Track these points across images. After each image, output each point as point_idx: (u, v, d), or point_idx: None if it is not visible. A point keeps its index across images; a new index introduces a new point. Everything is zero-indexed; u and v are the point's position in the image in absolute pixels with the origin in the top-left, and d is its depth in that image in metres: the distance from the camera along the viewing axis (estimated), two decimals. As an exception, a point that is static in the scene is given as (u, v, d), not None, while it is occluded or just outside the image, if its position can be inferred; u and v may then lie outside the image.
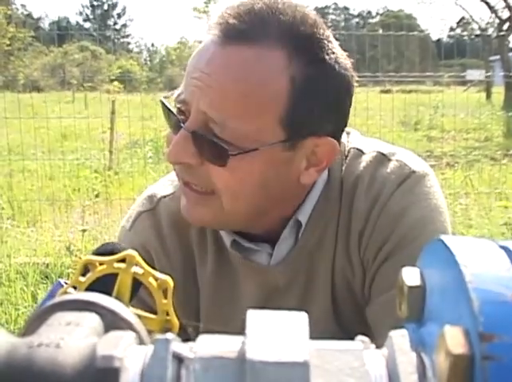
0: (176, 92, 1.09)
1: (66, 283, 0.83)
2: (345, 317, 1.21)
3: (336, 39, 1.10)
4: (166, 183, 1.29)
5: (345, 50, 1.11)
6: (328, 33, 1.07)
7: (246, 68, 1.01)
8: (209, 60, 1.03)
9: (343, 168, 1.19)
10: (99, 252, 0.82)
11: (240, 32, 1.02)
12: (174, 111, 1.09)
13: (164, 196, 1.26)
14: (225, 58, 1.02)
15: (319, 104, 1.06)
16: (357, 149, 1.20)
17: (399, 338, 0.37)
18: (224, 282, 1.24)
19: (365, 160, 1.18)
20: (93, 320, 0.40)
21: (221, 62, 1.02)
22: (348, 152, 1.20)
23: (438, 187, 1.18)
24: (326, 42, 1.05)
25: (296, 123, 1.04)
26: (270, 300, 1.22)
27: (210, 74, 1.02)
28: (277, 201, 1.12)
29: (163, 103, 1.11)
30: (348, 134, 1.23)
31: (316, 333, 1.14)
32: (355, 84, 1.12)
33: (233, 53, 1.02)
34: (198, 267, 1.25)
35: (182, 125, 1.05)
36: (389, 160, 1.18)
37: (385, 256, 1.13)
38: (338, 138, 1.11)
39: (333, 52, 1.06)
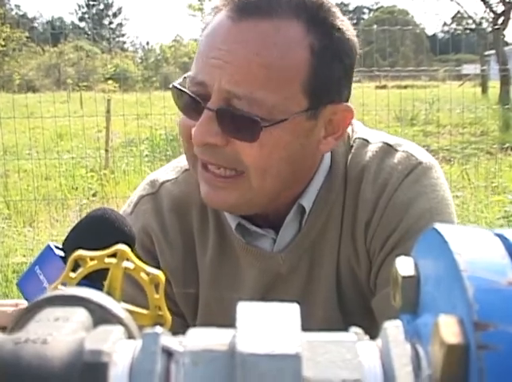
0: (189, 74, 1.08)
1: (56, 247, 0.83)
2: (349, 305, 1.21)
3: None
4: (169, 168, 1.30)
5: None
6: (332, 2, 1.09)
7: (265, 41, 1.02)
8: (226, 37, 1.03)
9: (349, 157, 1.19)
10: (92, 216, 0.82)
11: (255, 5, 1.02)
12: (181, 87, 1.08)
13: (167, 181, 1.26)
14: (243, 33, 1.02)
15: (337, 70, 1.07)
16: (362, 139, 1.21)
17: (393, 329, 0.36)
18: (225, 268, 1.24)
19: (371, 150, 1.19)
20: (82, 315, 0.39)
21: (239, 37, 1.02)
22: (354, 142, 1.21)
23: (444, 179, 1.19)
24: (335, 10, 1.08)
25: (318, 91, 1.06)
26: (273, 287, 1.22)
27: (229, 50, 1.02)
28: (298, 175, 1.14)
29: (177, 88, 1.09)
30: (352, 124, 1.23)
31: (319, 321, 1.13)
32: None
33: (250, 27, 1.02)
34: (198, 252, 1.24)
35: (204, 106, 1.03)
36: (396, 150, 1.18)
37: (391, 246, 1.13)
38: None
39: (342, 20, 1.08)
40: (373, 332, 0.39)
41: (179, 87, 1.09)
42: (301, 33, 1.03)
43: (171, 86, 1.11)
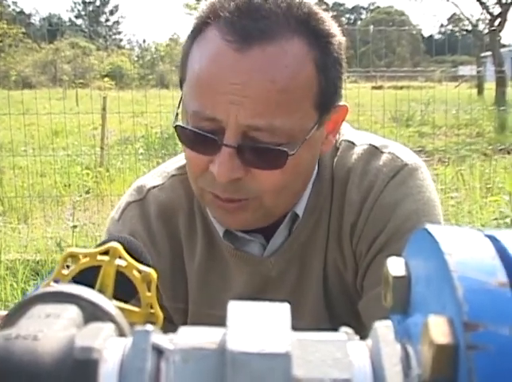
0: (192, 109, 1.03)
1: None
2: (337, 308, 1.21)
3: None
4: (156, 174, 1.28)
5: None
6: (315, 5, 1.07)
7: (277, 65, 0.99)
8: (235, 69, 0.99)
9: (335, 160, 1.19)
10: (112, 239, 0.80)
11: (256, 29, 0.98)
12: (190, 128, 1.04)
13: (154, 187, 1.25)
14: (252, 61, 0.98)
15: (336, 75, 1.07)
16: (348, 141, 1.21)
17: (383, 329, 0.36)
18: (214, 273, 1.24)
19: (357, 152, 1.18)
20: (73, 312, 0.39)
21: (250, 67, 0.98)
22: (340, 144, 1.20)
23: (430, 180, 1.19)
24: (321, 15, 1.05)
25: (325, 101, 1.05)
26: (262, 291, 1.22)
27: (244, 83, 0.98)
28: (306, 183, 1.15)
29: (185, 129, 1.05)
30: None
31: (307, 324, 1.14)
32: (346, 80, 1.12)
33: (258, 54, 0.98)
34: (186, 257, 1.24)
35: (222, 143, 1.00)
36: (382, 152, 1.18)
37: (378, 249, 1.13)
38: None
39: (330, 22, 1.06)
40: (360, 334, 0.39)
41: (186, 126, 1.05)
42: (304, 49, 1.01)
43: (174, 126, 1.07)
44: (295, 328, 0.35)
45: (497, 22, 19.22)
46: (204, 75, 1.01)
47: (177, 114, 1.10)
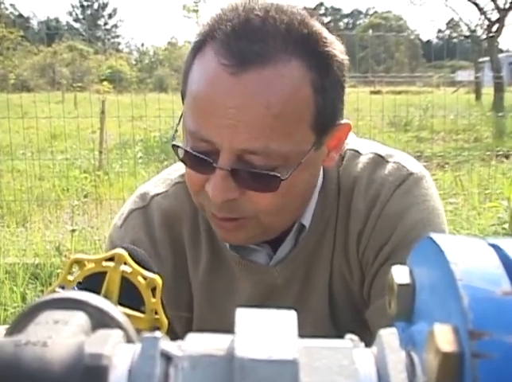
0: (190, 129, 1.03)
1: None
2: (342, 317, 1.22)
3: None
4: (159, 181, 1.28)
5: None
6: (317, 22, 1.04)
7: (272, 90, 0.97)
8: (230, 93, 0.97)
9: (340, 169, 1.19)
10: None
11: (253, 53, 0.97)
12: (185, 147, 1.04)
13: (157, 194, 1.25)
14: (248, 86, 0.97)
15: (336, 97, 1.06)
16: (353, 150, 1.20)
17: (388, 336, 0.37)
18: (219, 281, 1.23)
19: (362, 161, 1.18)
20: (81, 318, 0.39)
21: (245, 91, 0.97)
22: (345, 153, 1.20)
23: (435, 189, 1.19)
24: (324, 34, 1.03)
25: (323, 122, 1.04)
26: (267, 300, 1.22)
27: (238, 107, 0.97)
28: (307, 200, 1.15)
29: (180, 147, 1.05)
30: None
31: (312, 333, 1.14)
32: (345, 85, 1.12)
33: (254, 78, 0.97)
34: (190, 265, 1.24)
35: (216, 166, 1.00)
36: (387, 162, 1.18)
37: (384, 258, 1.13)
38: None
39: (332, 42, 1.04)
40: (366, 343, 0.40)
41: (182, 147, 1.05)
42: (302, 72, 0.99)
43: (171, 146, 1.07)
44: (299, 336, 0.35)
45: (495, 28, 19.24)
46: (201, 97, 1.01)
47: (176, 130, 1.10)
